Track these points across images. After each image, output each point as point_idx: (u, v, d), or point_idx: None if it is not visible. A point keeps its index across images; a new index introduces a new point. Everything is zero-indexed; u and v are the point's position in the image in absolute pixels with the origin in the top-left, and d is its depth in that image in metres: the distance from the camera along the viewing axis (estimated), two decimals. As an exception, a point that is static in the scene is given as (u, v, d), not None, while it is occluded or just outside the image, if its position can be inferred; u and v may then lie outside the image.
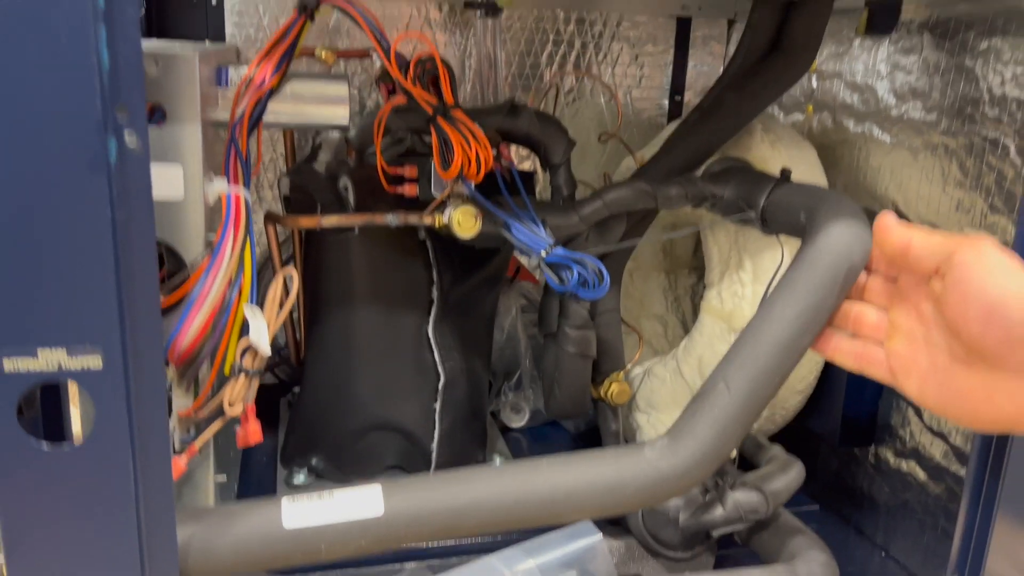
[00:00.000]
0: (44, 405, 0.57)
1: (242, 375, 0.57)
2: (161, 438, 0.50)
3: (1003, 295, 0.47)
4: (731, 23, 1.15)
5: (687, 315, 1.09)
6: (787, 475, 0.74)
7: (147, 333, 0.48)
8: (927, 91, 0.79)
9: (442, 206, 0.75)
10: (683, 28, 1.13)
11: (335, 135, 0.85)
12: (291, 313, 0.68)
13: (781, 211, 0.70)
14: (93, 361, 0.47)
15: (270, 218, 0.75)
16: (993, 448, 0.69)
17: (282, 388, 1.06)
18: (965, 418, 0.53)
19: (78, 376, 0.47)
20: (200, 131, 0.56)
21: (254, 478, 0.91)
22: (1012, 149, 0.69)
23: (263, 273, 0.94)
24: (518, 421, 1.08)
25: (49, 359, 0.46)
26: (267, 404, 0.89)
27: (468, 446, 0.91)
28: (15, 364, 0.45)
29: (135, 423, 0.49)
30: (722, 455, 0.61)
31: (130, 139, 0.45)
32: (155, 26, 0.93)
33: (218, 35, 0.97)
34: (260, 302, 0.60)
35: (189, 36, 0.95)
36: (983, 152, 0.72)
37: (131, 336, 0.47)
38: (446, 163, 0.69)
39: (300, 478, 0.88)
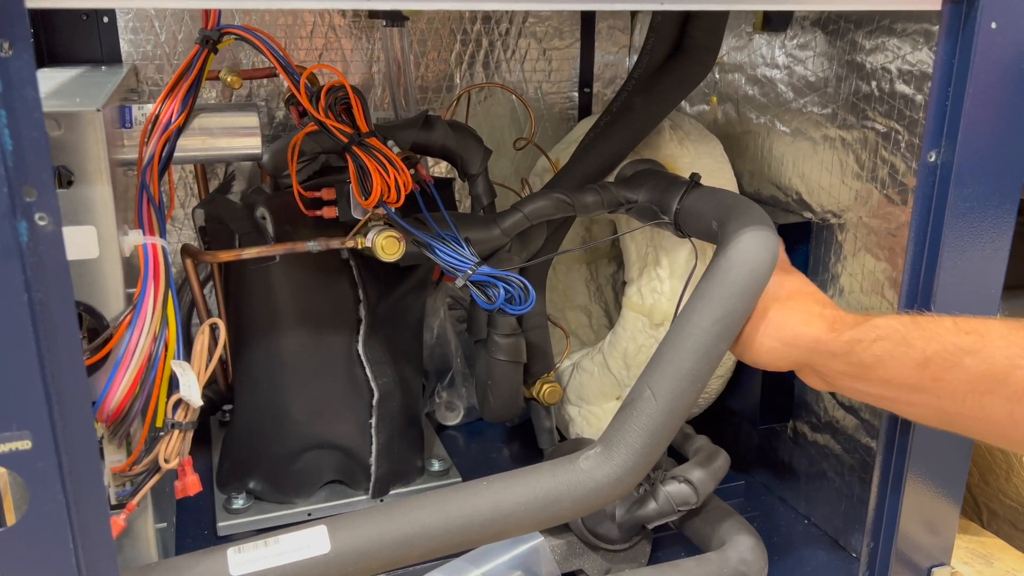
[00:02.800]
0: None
1: (175, 431, 0.57)
2: (99, 507, 0.50)
3: None
4: (634, 12, 1.16)
5: (609, 303, 1.12)
6: (714, 465, 0.77)
7: (75, 407, 0.47)
8: (822, 86, 0.82)
9: (364, 228, 0.75)
10: (587, 20, 1.14)
11: (247, 163, 0.84)
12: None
13: (693, 218, 0.73)
14: (22, 443, 0.46)
15: (188, 253, 0.74)
16: (899, 422, 0.74)
17: (211, 407, 1.05)
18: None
19: (6, 459, 0.46)
20: (110, 187, 0.54)
21: (191, 501, 0.90)
22: (903, 144, 0.73)
23: (181, 293, 0.92)
24: (453, 419, 1.10)
25: (-25, 447, 0.45)
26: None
27: (406, 454, 0.92)
28: (-61, 457, 0.44)
29: (70, 497, 0.48)
30: (653, 460, 0.64)
31: (40, 219, 0.44)
32: (45, 52, 0.89)
33: (113, 56, 0.93)
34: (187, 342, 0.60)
35: (83, 59, 0.91)
36: (876, 146, 0.76)
37: (59, 413, 0.47)
38: (365, 192, 0.69)
39: (239, 502, 0.87)
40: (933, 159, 0.65)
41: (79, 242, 0.53)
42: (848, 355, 0.61)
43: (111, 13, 0.93)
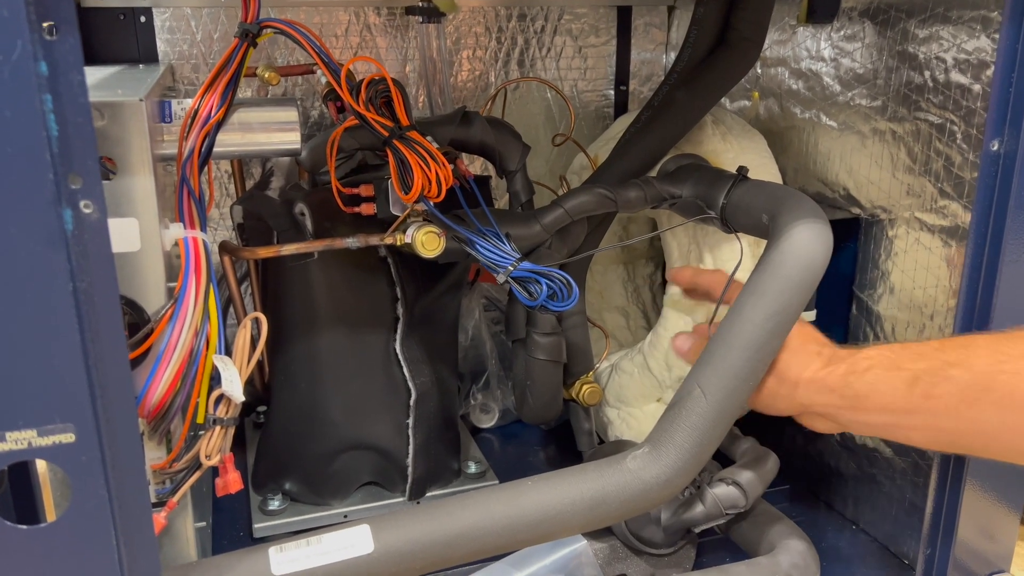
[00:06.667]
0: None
1: (217, 427, 0.56)
2: (142, 504, 0.49)
3: None
4: (671, 9, 1.15)
5: (647, 304, 1.10)
6: (763, 467, 0.75)
7: (119, 400, 0.46)
8: (872, 78, 0.80)
9: (403, 224, 0.74)
10: (624, 17, 1.13)
11: (285, 159, 0.83)
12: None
13: (741, 212, 0.71)
14: (65, 436, 0.45)
15: (226, 249, 0.73)
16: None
17: (246, 408, 1.04)
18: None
19: (49, 452, 0.45)
20: (153, 180, 0.54)
21: (227, 503, 0.89)
22: (958, 135, 0.71)
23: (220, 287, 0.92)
24: (488, 422, 1.08)
25: (19, 439, 0.44)
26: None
27: (442, 456, 0.90)
28: (-17, 449, 0.43)
29: (113, 492, 0.47)
30: (703, 460, 0.62)
31: (85, 206, 0.43)
32: (83, 52, 0.89)
33: (150, 55, 0.93)
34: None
35: (120, 59, 0.91)
36: (930, 138, 0.74)
37: (102, 406, 0.46)
38: (406, 186, 0.68)
39: (275, 504, 0.86)
40: (996, 148, 0.63)
41: (121, 234, 0.52)
42: (844, 388, 0.62)
43: (148, 12, 0.93)
